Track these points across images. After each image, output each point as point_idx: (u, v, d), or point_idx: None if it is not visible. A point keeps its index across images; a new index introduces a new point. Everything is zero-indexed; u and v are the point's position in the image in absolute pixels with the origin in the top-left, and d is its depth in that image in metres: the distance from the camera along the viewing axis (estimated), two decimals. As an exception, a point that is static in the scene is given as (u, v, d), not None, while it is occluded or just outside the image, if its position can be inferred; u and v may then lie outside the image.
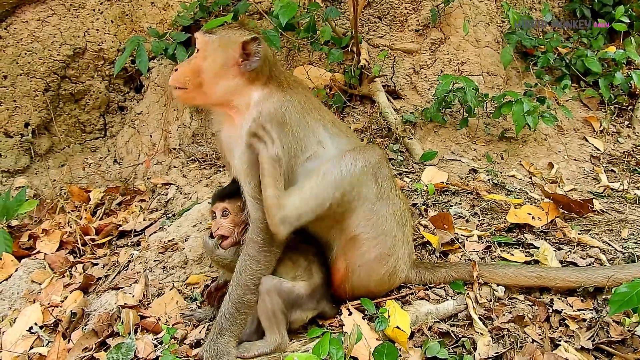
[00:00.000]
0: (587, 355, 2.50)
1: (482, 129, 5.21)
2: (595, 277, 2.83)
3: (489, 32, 5.80)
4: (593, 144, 5.25)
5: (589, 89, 5.81)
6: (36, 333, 3.22)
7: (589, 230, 3.62)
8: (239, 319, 2.55)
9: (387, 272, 2.80)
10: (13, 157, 5.23)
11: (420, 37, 5.65)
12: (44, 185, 5.22)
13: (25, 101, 5.25)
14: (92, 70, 5.54)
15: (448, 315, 2.82)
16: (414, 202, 4.06)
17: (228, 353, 2.47)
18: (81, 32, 5.41)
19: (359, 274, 2.75)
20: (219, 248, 2.75)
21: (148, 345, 2.67)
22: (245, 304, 2.56)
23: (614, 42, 6.35)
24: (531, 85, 5.64)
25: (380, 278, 2.80)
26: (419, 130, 5.21)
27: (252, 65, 2.67)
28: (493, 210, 3.94)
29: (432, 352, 2.52)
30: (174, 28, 5.51)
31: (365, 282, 2.79)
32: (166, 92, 5.52)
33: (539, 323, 2.72)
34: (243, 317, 2.57)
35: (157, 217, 4.48)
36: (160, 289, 3.46)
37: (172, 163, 5.23)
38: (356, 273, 2.75)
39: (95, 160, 5.55)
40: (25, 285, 3.78)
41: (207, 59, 2.68)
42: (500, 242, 3.46)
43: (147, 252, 3.87)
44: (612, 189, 4.50)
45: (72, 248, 4.24)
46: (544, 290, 2.94)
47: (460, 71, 5.50)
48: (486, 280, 2.94)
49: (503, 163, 4.96)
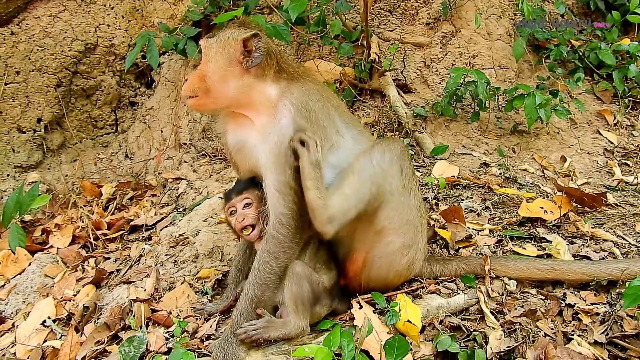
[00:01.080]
0: (600, 350, 2.47)
1: (494, 123, 5.17)
2: (609, 270, 2.80)
3: (500, 25, 5.75)
4: (607, 137, 5.18)
5: (602, 81, 5.73)
6: (49, 326, 3.25)
7: (602, 224, 3.58)
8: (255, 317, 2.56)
9: (407, 263, 2.81)
10: (26, 153, 5.27)
11: (431, 30, 5.61)
12: (56, 181, 5.26)
13: (38, 97, 5.28)
14: (104, 65, 5.57)
15: (459, 309, 2.80)
16: (424, 196, 4.04)
17: (237, 357, 2.46)
18: (92, 27, 5.44)
19: (380, 265, 2.76)
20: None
21: (159, 339, 2.68)
22: (262, 302, 2.56)
23: (628, 34, 6.26)
24: (544, 79, 5.59)
25: (400, 269, 2.81)
26: (430, 124, 5.18)
27: (255, 61, 2.64)
28: (505, 204, 3.91)
29: (443, 345, 2.50)
30: (185, 23, 5.51)
31: (385, 273, 2.80)
32: (177, 87, 5.53)
33: (551, 317, 2.69)
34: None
35: (168, 212, 4.50)
36: (171, 283, 3.47)
37: (182, 158, 5.24)
38: (376, 264, 2.76)
39: (107, 156, 5.58)
40: (38, 280, 3.81)
41: (210, 63, 2.66)
42: (512, 235, 3.43)
43: (158, 246, 3.89)
44: (626, 183, 4.45)
45: (85, 242, 4.27)
46: (556, 284, 2.92)
47: (472, 64, 5.46)
48: (498, 273, 2.92)
49: (515, 157, 4.92)
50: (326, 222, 2.48)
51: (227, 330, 2.56)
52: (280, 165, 2.54)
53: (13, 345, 3.16)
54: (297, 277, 2.52)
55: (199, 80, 2.65)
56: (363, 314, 2.63)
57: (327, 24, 5.10)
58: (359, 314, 2.65)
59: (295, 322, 2.49)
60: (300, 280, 2.51)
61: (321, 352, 2.15)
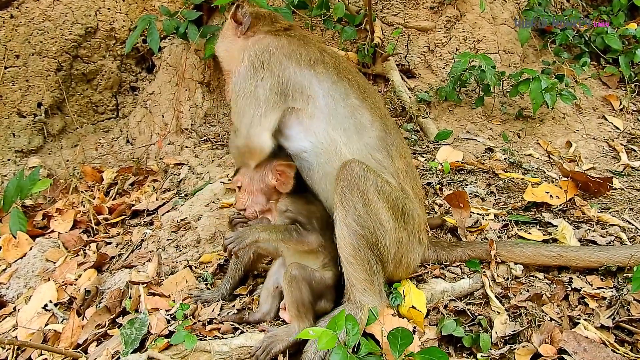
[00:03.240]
0: (607, 334, 2.45)
1: (498, 108, 5.11)
2: (617, 257, 2.76)
3: (505, 9, 5.67)
4: (612, 122, 5.12)
5: (608, 66, 5.66)
6: (51, 310, 3.25)
7: (608, 208, 3.55)
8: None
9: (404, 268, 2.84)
10: (26, 137, 5.23)
11: (435, 14, 5.53)
12: (57, 165, 5.23)
13: (38, 81, 5.23)
14: (104, 49, 5.51)
15: (464, 294, 2.79)
16: (428, 181, 4.00)
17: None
18: (92, 11, 5.37)
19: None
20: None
21: (161, 321, 2.66)
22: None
23: (634, 18, 6.18)
24: (549, 63, 5.52)
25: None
26: (434, 109, 5.13)
27: (246, 25, 2.88)
28: (510, 189, 3.87)
29: (447, 330, 2.49)
30: (186, 6, 5.44)
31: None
32: (178, 72, 5.47)
33: (557, 301, 2.67)
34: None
35: (169, 197, 4.47)
36: (173, 268, 3.45)
37: (184, 143, 5.20)
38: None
39: (108, 141, 5.54)
40: (39, 264, 3.80)
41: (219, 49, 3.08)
42: (517, 220, 3.40)
43: (160, 231, 3.86)
44: (633, 168, 4.40)
45: (86, 227, 4.25)
46: (562, 268, 2.89)
47: (476, 49, 5.38)
48: (504, 259, 2.89)
49: (520, 142, 4.87)
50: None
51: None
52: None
53: (15, 329, 3.15)
54: (296, 280, 2.47)
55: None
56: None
57: (330, 7, 5.02)
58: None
59: (299, 327, 2.45)
60: (299, 284, 2.47)
61: (325, 335, 2.12)
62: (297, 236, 2.55)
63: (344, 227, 2.49)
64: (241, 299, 2.94)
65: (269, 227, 2.58)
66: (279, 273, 2.66)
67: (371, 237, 2.51)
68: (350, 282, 2.51)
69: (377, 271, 2.55)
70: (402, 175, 2.76)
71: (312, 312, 2.50)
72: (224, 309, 2.86)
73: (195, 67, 5.50)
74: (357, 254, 2.48)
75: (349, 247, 2.48)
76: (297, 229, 2.56)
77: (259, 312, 2.71)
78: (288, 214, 2.63)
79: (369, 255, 2.51)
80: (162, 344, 2.46)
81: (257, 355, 2.41)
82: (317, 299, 2.53)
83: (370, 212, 2.51)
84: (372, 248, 2.52)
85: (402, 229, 2.66)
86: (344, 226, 2.49)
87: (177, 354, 2.43)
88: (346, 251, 2.49)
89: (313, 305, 2.50)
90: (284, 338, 2.44)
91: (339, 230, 2.51)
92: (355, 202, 2.48)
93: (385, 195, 2.57)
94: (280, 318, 2.68)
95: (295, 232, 2.55)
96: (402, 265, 2.75)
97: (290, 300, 2.47)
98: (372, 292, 2.51)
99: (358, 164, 2.53)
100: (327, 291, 2.58)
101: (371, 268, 2.51)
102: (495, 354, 2.39)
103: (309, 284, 2.48)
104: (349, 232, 2.48)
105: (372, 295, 2.51)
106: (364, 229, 2.49)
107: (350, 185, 2.49)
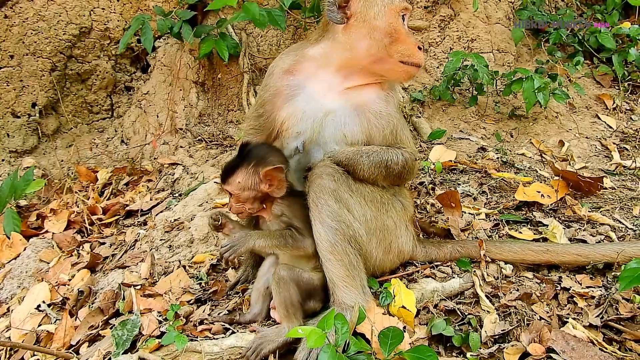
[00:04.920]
0: (595, 332, 2.46)
1: (492, 107, 5.13)
2: (604, 251, 2.79)
3: (499, 9, 5.68)
4: (605, 121, 5.14)
5: (602, 65, 5.68)
6: (44, 311, 3.25)
7: (599, 207, 3.56)
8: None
9: (396, 253, 2.86)
10: (21, 138, 5.24)
11: (429, 14, 5.54)
12: (51, 166, 5.23)
13: (32, 81, 5.23)
14: (98, 49, 5.51)
15: (454, 293, 2.80)
16: (421, 180, 4.02)
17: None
18: (87, 11, 5.37)
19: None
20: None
21: (152, 322, 2.67)
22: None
23: (628, 17, 6.19)
24: (542, 62, 5.53)
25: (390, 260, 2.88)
26: (427, 108, 5.14)
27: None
28: (501, 189, 3.89)
29: (437, 329, 2.50)
30: (180, 6, 5.44)
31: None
32: (172, 72, 5.48)
33: (546, 300, 2.68)
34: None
35: (163, 197, 4.48)
36: (166, 268, 3.46)
37: (178, 143, 5.21)
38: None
39: (103, 141, 5.55)
40: (33, 264, 3.80)
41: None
42: (508, 220, 3.41)
43: (153, 231, 3.87)
44: (625, 167, 4.42)
45: (80, 227, 4.25)
46: (552, 267, 2.90)
47: (470, 48, 5.40)
48: (493, 256, 2.90)
49: (513, 141, 4.89)
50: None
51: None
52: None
53: (8, 330, 3.16)
54: (284, 281, 2.47)
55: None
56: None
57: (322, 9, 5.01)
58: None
59: (288, 327, 2.44)
60: (287, 285, 2.47)
61: (314, 334, 2.13)
62: (292, 242, 2.55)
63: (319, 225, 2.49)
64: (232, 300, 2.95)
65: (264, 233, 2.58)
66: (269, 273, 2.67)
67: (347, 230, 2.51)
68: (331, 280, 2.50)
69: (357, 265, 2.54)
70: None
71: (301, 312, 2.51)
72: (215, 310, 2.87)
73: (190, 66, 5.50)
74: (334, 249, 2.47)
75: (326, 243, 2.48)
76: (292, 235, 2.56)
77: (250, 313, 2.72)
78: (283, 219, 2.62)
79: (347, 249, 2.50)
80: (153, 345, 2.47)
81: (247, 356, 2.42)
82: (305, 299, 2.53)
83: (344, 207, 2.52)
84: (350, 241, 2.51)
85: (385, 216, 2.68)
86: (319, 224, 2.49)
87: (167, 355, 2.43)
88: (323, 248, 2.48)
89: (302, 306, 2.51)
90: (275, 339, 2.45)
91: (315, 229, 2.50)
92: (327, 200, 2.49)
93: (358, 189, 2.61)
94: (271, 318, 2.69)
95: (290, 237, 2.55)
96: (392, 251, 2.78)
97: (279, 301, 2.48)
98: (354, 288, 2.50)
99: (326, 167, 2.56)
100: (315, 292, 2.58)
101: (351, 262, 2.50)
102: (484, 353, 2.40)
103: (297, 285, 2.49)
104: (324, 229, 2.48)
105: (355, 290, 2.50)
106: (340, 223, 2.49)
107: (320, 186, 2.51)
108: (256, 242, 2.52)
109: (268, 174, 2.52)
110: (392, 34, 2.64)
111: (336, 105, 2.69)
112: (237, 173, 2.56)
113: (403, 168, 2.72)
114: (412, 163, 2.77)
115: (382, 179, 2.71)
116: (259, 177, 2.53)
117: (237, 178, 2.56)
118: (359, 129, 2.68)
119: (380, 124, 2.70)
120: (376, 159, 2.65)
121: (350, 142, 2.67)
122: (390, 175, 2.71)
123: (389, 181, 2.75)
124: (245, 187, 2.56)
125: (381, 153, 2.67)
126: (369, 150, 2.65)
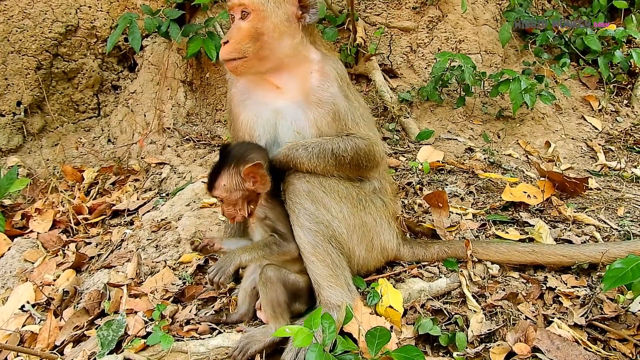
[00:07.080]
0: (580, 332, 2.49)
1: (479, 108, 5.16)
2: (589, 252, 2.82)
3: (487, 10, 5.72)
4: (591, 123, 5.19)
5: (588, 67, 5.74)
6: (28, 311, 3.21)
7: (584, 208, 3.60)
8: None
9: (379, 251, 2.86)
10: (5, 136, 5.17)
11: (418, 15, 5.56)
12: (37, 165, 5.17)
13: (17, 79, 5.17)
14: (85, 48, 5.45)
15: (441, 293, 2.81)
16: (408, 180, 4.03)
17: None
18: (73, 9, 5.32)
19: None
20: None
21: (138, 322, 2.65)
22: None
23: (614, 19, 6.26)
24: (529, 64, 5.58)
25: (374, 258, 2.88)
26: (416, 109, 5.16)
27: (313, 18, 2.59)
28: (489, 189, 3.91)
29: (424, 329, 2.51)
30: (168, 5, 5.40)
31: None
32: (160, 71, 5.44)
33: (532, 300, 2.70)
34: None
35: (150, 197, 4.45)
36: (153, 268, 3.43)
37: (166, 142, 5.18)
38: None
39: (89, 140, 5.49)
40: (17, 264, 3.76)
41: (267, 20, 2.51)
42: (495, 220, 3.43)
43: (140, 231, 3.84)
44: (610, 168, 4.47)
45: (65, 227, 4.21)
46: (538, 268, 2.93)
47: (458, 49, 5.43)
48: (479, 256, 2.92)
49: (500, 142, 4.92)
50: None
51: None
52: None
53: (-9, 330, 3.12)
54: (270, 282, 2.48)
55: (250, 38, 2.50)
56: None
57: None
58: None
59: (275, 327, 2.44)
60: (274, 285, 2.47)
61: (302, 333, 2.13)
62: (277, 249, 2.55)
63: (298, 229, 2.51)
64: (219, 300, 2.93)
65: (247, 248, 2.56)
66: (256, 274, 2.66)
67: (327, 230, 2.52)
68: (316, 282, 2.52)
69: (340, 264, 2.55)
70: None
71: (288, 312, 2.51)
72: (202, 310, 2.85)
73: (178, 65, 5.47)
74: (315, 250, 2.49)
75: (307, 246, 2.49)
76: (276, 241, 2.56)
77: (237, 313, 2.71)
78: (267, 222, 2.62)
79: (329, 249, 2.51)
80: (138, 345, 2.45)
81: (234, 356, 2.41)
82: (292, 299, 2.54)
83: (321, 206, 2.52)
84: (331, 241, 2.53)
85: (363, 213, 2.68)
86: (299, 228, 2.51)
87: (153, 355, 2.42)
88: (305, 251, 2.50)
89: (289, 306, 2.51)
90: (261, 339, 2.45)
91: (295, 234, 2.52)
92: (302, 203, 2.51)
93: (330, 185, 2.59)
94: (258, 319, 2.68)
95: (275, 245, 2.55)
96: (375, 248, 2.79)
97: (266, 301, 2.47)
98: (339, 287, 2.51)
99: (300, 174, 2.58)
100: (301, 294, 2.59)
101: (333, 262, 2.51)
102: (470, 353, 2.42)
103: (283, 285, 2.49)
104: (303, 232, 2.50)
105: (340, 289, 2.51)
106: (318, 224, 2.50)
107: (294, 191, 2.53)
108: (242, 258, 2.50)
109: (249, 171, 2.50)
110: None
111: (282, 104, 2.65)
112: (220, 176, 2.55)
113: (356, 155, 2.60)
114: (367, 149, 2.63)
115: (336, 170, 2.61)
116: (241, 176, 2.52)
117: (222, 181, 2.55)
118: (307, 124, 2.61)
119: (320, 112, 2.60)
120: (315, 150, 2.55)
121: (304, 138, 2.61)
122: (343, 165, 2.60)
123: (348, 172, 2.65)
124: (231, 189, 2.55)
125: (323, 143, 2.57)
126: (307, 143, 2.56)
